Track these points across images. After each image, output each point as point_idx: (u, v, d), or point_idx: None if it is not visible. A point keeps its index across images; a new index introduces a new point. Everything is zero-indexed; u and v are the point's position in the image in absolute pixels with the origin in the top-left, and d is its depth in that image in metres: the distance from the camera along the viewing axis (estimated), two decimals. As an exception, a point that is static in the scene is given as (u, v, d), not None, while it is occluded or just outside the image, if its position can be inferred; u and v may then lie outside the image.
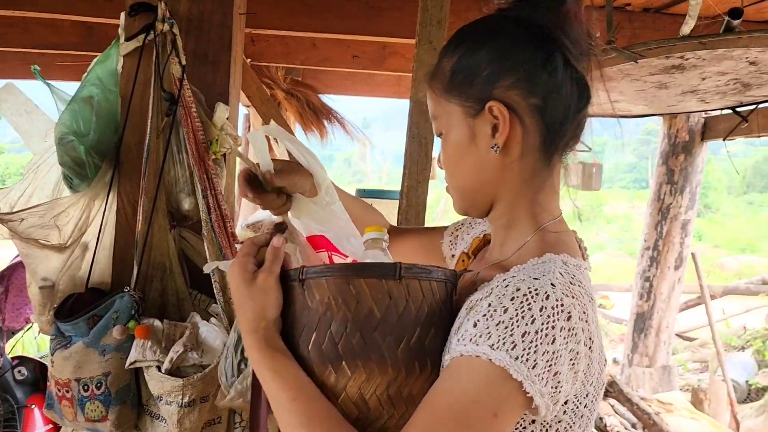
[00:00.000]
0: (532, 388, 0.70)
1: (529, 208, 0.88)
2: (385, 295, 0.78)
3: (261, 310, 0.81)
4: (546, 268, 0.78)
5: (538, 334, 0.71)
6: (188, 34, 1.46)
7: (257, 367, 0.81)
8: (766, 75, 1.80)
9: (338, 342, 0.77)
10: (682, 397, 4.44)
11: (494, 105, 0.83)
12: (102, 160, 1.41)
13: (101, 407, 1.25)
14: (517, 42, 0.84)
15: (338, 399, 0.77)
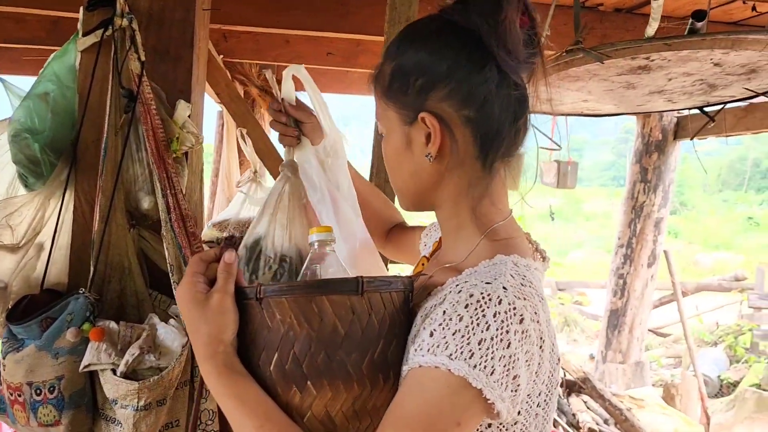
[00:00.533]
0: (492, 394, 0.71)
1: (473, 213, 0.88)
2: (348, 311, 0.76)
3: (217, 332, 0.77)
4: (497, 270, 0.78)
5: (493, 340, 0.71)
6: (149, 30, 1.43)
7: (218, 394, 0.77)
8: (730, 76, 1.81)
9: (302, 362, 0.75)
10: (654, 392, 4.50)
11: (426, 116, 0.83)
12: (58, 158, 1.37)
13: (54, 411, 1.22)
14: (452, 51, 0.83)
15: (304, 419, 0.76)
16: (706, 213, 24.96)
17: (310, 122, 1.15)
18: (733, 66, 1.72)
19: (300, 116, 1.14)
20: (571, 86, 1.93)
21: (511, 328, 0.72)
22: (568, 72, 1.78)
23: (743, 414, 4.87)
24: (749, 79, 1.84)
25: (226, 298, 0.78)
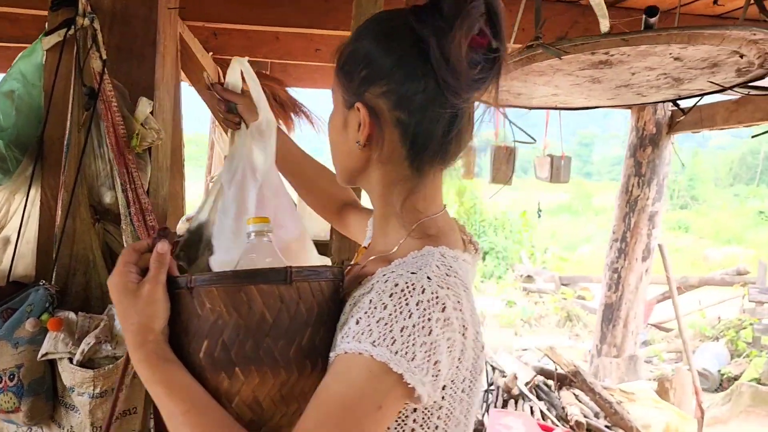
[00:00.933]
0: (413, 379, 0.73)
1: (402, 207, 0.90)
2: (276, 300, 0.78)
3: (147, 322, 0.79)
4: (423, 261, 0.81)
5: (415, 328, 0.74)
6: (112, 29, 1.47)
7: (147, 381, 0.79)
8: (693, 70, 1.83)
9: (231, 349, 0.77)
10: (648, 386, 4.50)
11: (360, 107, 0.87)
12: (23, 154, 1.42)
13: (14, 398, 1.26)
14: (398, 53, 0.85)
15: (232, 403, 0.78)
16: (718, 207, 24.73)
17: (243, 103, 1.26)
18: (693, 60, 1.73)
19: (230, 97, 1.26)
20: (538, 80, 1.95)
21: (433, 316, 0.75)
22: (532, 67, 1.80)
23: (739, 408, 4.86)
24: (713, 73, 1.86)
25: (157, 288, 0.80)
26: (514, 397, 4.03)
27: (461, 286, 0.81)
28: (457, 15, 0.80)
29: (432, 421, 0.82)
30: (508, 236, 13.24)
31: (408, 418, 0.81)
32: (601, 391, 3.94)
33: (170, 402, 0.77)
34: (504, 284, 11.08)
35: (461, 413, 0.85)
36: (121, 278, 0.81)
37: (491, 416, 3.65)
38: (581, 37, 1.62)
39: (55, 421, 1.34)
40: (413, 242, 0.88)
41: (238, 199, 1.22)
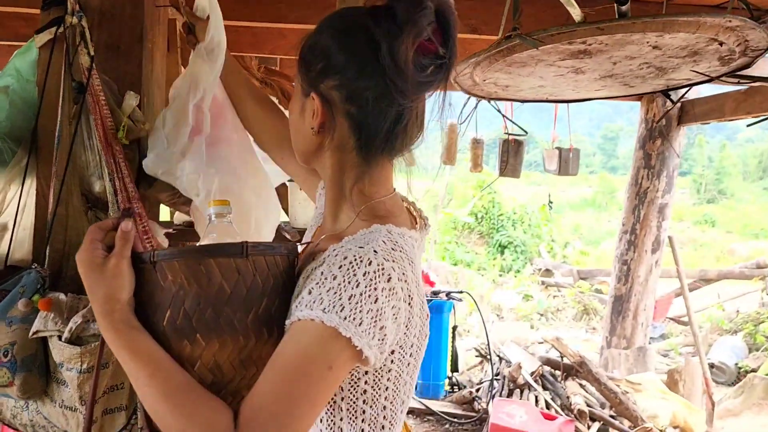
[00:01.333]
0: (360, 342, 0.81)
1: (350, 189, 0.98)
2: (233, 272, 0.86)
3: (113, 293, 0.87)
4: (371, 237, 0.89)
5: (362, 296, 0.81)
6: (101, 26, 1.54)
7: (114, 347, 0.87)
8: (674, 59, 1.84)
9: (192, 317, 0.85)
10: (655, 377, 4.49)
11: (315, 97, 0.95)
12: (18, 145, 1.50)
13: (8, 374, 1.35)
14: (352, 50, 0.93)
15: (194, 367, 0.85)
16: (746, 201, 24.28)
17: (199, 25, 1.42)
18: (672, 48, 1.75)
19: (192, 19, 1.44)
20: (522, 72, 1.98)
21: (378, 285, 0.83)
22: (514, 58, 1.83)
23: (751, 400, 4.82)
24: (696, 62, 1.87)
25: (122, 262, 0.88)
26: (519, 387, 4.07)
27: (406, 260, 0.88)
28: (408, 21, 0.88)
29: (382, 382, 0.91)
30: (527, 230, 13.19)
31: (360, 380, 0.90)
32: (607, 382, 3.95)
33: (135, 365, 0.84)
34: (522, 278, 11.05)
35: (408, 374, 0.95)
36: (88, 254, 0.90)
37: (495, 405, 3.70)
38: (556, 26, 1.65)
39: (48, 396, 1.42)
40: (363, 221, 0.95)
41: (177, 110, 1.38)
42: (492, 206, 13.45)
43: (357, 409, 0.90)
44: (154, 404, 0.82)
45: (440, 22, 0.90)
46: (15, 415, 1.47)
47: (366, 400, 0.90)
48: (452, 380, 4.78)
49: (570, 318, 9.15)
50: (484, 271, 11.92)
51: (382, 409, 0.92)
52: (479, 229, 13.51)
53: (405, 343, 0.91)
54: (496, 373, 4.33)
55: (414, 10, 0.87)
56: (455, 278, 10.15)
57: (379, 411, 0.92)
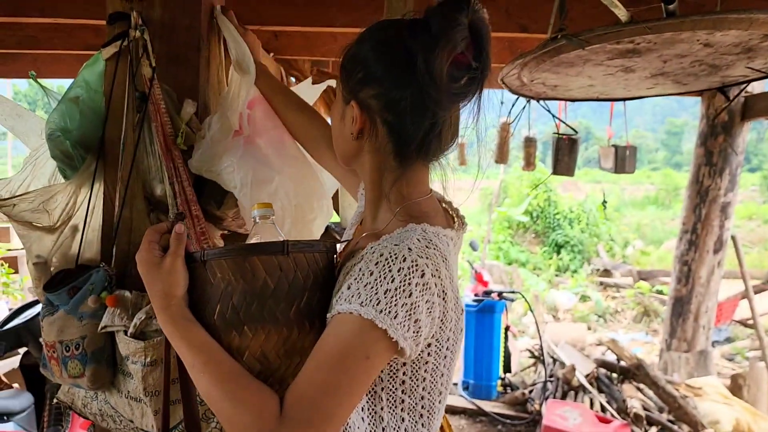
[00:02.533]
0: (395, 334, 0.86)
1: (388, 191, 1.03)
2: (276, 268, 0.93)
3: (169, 289, 0.95)
4: (406, 235, 0.94)
5: (397, 291, 0.86)
6: (161, 38, 1.63)
7: (172, 338, 0.96)
8: (728, 56, 1.81)
9: (239, 310, 0.92)
10: (717, 381, 4.35)
11: (354, 105, 1.01)
12: (87, 152, 1.60)
13: (79, 365, 1.45)
14: (390, 61, 0.98)
15: (243, 357, 0.92)
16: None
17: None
18: (725, 46, 1.71)
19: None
20: (570, 72, 1.98)
21: (412, 281, 0.87)
22: (561, 58, 1.83)
23: (822, 408, 4.60)
24: (750, 59, 1.83)
25: (177, 261, 0.96)
26: (574, 389, 4.02)
27: (440, 257, 0.92)
28: (443, 35, 0.92)
29: (419, 374, 0.96)
30: (585, 229, 12.92)
31: (398, 371, 0.95)
32: (665, 385, 3.86)
33: (190, 354, 0.92)
34: (579, 278, 10.83)
35: (445, 367, 0.99)
36: (146, 254, 0.99)
37: (548, 406, 3.67)
38: (603, 26, 1.65)
39: (115, 387, 1.51)
40: (400, 221, 1.00)
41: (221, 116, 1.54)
42: (548, 204, 13.25)
43: (396, 399, 0.95)
44: (208, 389, 0.89)
45: (474, 36, 0.94)
46: (86, 404, 1.58)
47: (405, 390, 0.95)
48: (505, 381, 4.75)
49: (629, 320, 8.93)
50: (540, 271, 11.76)
51: (420, 399, 0.97)
52: (535, 228, 13.33)
53: (441, 337, 0.95)
54: (549, 375, 4.28)
55: (449, 25, 0.92)
56: (509, 278, 10.05)
57: (418, 401, 0.97)
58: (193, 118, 1.61)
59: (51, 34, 3.57)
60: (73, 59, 4.31)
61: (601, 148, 4.77)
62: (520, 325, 8.12)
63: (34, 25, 3.50)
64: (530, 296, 8.85)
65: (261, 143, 1.55)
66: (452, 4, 0.94)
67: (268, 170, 1.52)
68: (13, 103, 1.65)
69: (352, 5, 2.93)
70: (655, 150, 38.60)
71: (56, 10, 2.85)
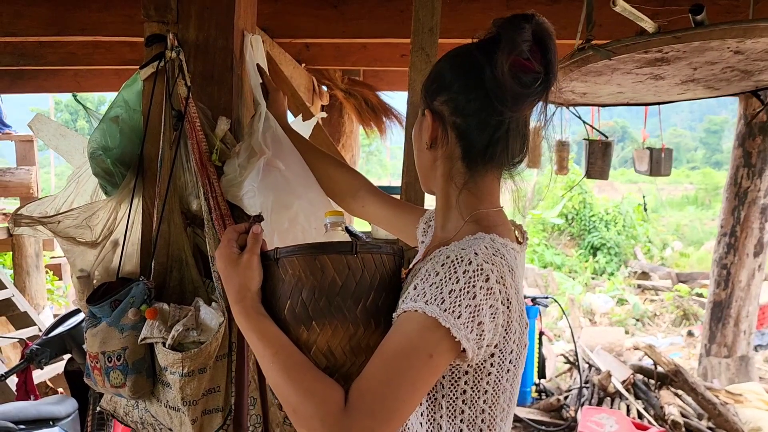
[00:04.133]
0: (459, 333, 0.88)
1: (456, 198, 1.07)
2: (344, 266, 0.97)
3: (246, 283, 1.02)
4: (474, 242, 0.96)
5: (461, 292, 0.89)
6: (196, 58, 1.69)
7: (245, 330, 1.01)
8: (760, 62, 1.78)
9: (308, 306, 0.96)
10: (759, 388, 4.24)
11: (428, 112, 1.07)
12: (127, 169, 1.67)
13: (121, 376, 1.51)
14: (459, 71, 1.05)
15: (310, 351, 0.97)
16: None
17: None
18: (756, 53, 1.69)
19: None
20: (599, 80, 1.97)
21: (477, 283, 0.90)
22: (589, 68, 1.84)
23: None
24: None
25: (253, 258, 1.02)
26: (610, 395, 3.97)
27: (506, 267, 0.94)
28: (505, 37, 0.98)
29: (481, 385, 0.97)
30: (621, 231, 12.71)
31: (460, 380, 0.97)
32: (704, 392, 3.78)
33: (261, 345, 0.97)
34: (616, 281, 10.67)
35: (508, 382, 1.00)
36: (226, 250, 1.06)
37: (584, 413, 3.63)
38: (630, 37, 1.65)
39: (155, 396, 1.57)
40: (469, 229, 1.03)
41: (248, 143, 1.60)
42: (583, 207, 13.08)
43: (456, 408, 0.97)
44: (277, 378, 0.94)
45: (538, 42, 0.99)
46: (127, 412, 1.64)
47: (465, 401, 0.97)
48: (539, 387, 4.72)
49: (668, 323, 8.76)
50: (576, 274, 11.61)
51: (481, 412, 0.98)
52: (570, 231, 13.17)
53: (504, 348, 0.97)
54: (585, 381, 4.24)
55: (512, 28, 0.98)
56: (545, 281, 9.96)
57: (478, 414, 0.97)
58: (228, 134, 1.66)
59: (90, 50, 3.70)
60: (111, 73, 4.45)
61: (635, 151, 4.71)
62: (555, 329, 8.04)
63: (75, 43, 3.63)
64: (566, 300, 8.76)
65: (281, 166, 1.59)
66: (518, 16, 0.99)
67: (288, 195, 1.57)
68: (57, 124, 1.72)
69: (380, 16, 2.96)
70: (694, 149, 37.72)
71: (96, 29, 2.96)
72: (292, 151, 1.62)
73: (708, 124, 38.25)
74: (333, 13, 2.99)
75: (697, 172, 26.01)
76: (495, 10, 2.79)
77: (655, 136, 4.86)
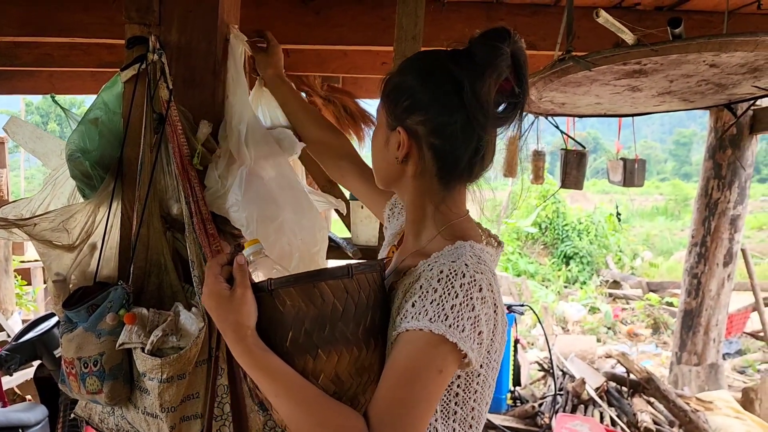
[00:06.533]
0: (464, 346, 0.90)
1: (431, 212, 1.09)
2: (343, 291, 0.96)
3: (243, 320, 0.96)
4: (459, 252, 0.98)
5: (461, 306, 0.91)
6: (178, 61, 1.67)
7: (249, 368, 0.96)
8: (734, 76, 1.83)
9: (313, 335, 0.94)
10: (728, 395, 4.33)
11: (401, 131, 1.05)
12: (106, 172, 1.64)
13: (97, 382, 1.48)
14: (436, 89, 1.03)
15: (318, 379, 0.95)
16: None
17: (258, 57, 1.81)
18: (731, 66, 1.74)
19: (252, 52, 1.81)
20: (577, 91, 2.01)
21: (473, 295, 0.92)
22: (569, 78, 1.87)
23: (835, 422, 4.56)
24: (756, 78, 1.85)
25: (247, 292, 0.97)
26: (583, 403, 4.01)
27: (489, 272, 0.98)
28: (488, 63, 0.98)
29: (472, 386, 1.00)
30: (594, 240, 12.89)
31: (453, 384, 0.99)
32: (675, 399, 3.85)
33: (272, 384, 0.94)
34: (588, 290, 10.80)
35: (492, 378, 1.04)
36: (216, 287, 0.99)
37: (558, 420, 3.66)
38: (609, 49, 1.68)
39: (132, 402, 1.54)
40: (445, 240, 1.05)
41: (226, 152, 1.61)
42: (556, 216, 13.23)
43: (449, 410, 1.00)
44: (291, 414, 0.92)
45: (515, 64, 1.00)
46: (103, 419, 1.61)
47: (458, 402, 1.00)
48: (514, 394, 4.75)
49: (639, 332, 8.88)
50: (549, 283, 11.72)
51: (471, 410, 1.01)
52: (543, 240, 13.31)
53: (492, 349, 1.00)
54: (559, 388, 4.28)
55: (494, 54, 0.98)
56: (518, 289, 10.04)
57: (468, 412, 1.01)
58: (209, 138, 1.65)
59: (67, 52, 3.64)
60: (87, 76, 4.38)
61: (609, 162, 4.78)
62: (529, 337, 8.10)
63: (51, 44, 3.57)
64: (539, 308, 8.84)
65: (264, 175, 1.57)
66: (495, 34, 0.99)
67: (272, 207, 1.56)
68: (32, 127, 1.69)
69: (363, 24, 2.98)
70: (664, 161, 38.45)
71: (74, 30, 2.91)
72: (275, 154, 1.61)
73: (677, 137, 39.05)
74: (315, 19, 2.99)
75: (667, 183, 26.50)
76: (476, 20, 2.82)
77: (627, 147, 4.94)
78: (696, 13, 2.88)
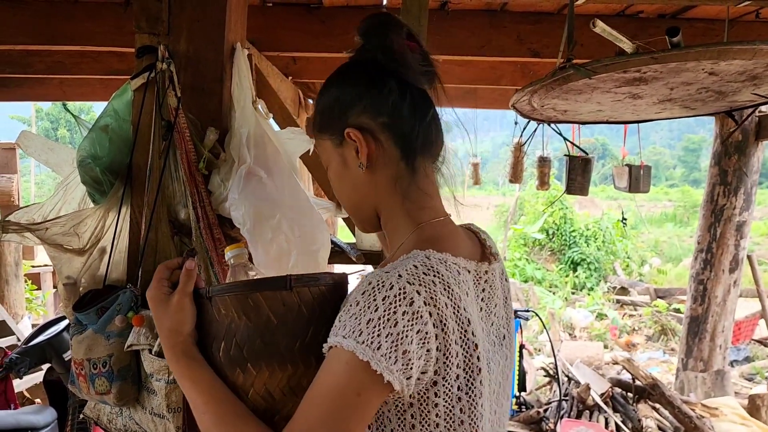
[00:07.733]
0: (379, 366, 0.79)
1: (402, 210, 1.02)
2: (279, 303, 0.90)
3: (177, 326, 0.95)
4: (404, 262, 0.88)
5: (380, 320, 0.81)
6: (186, 70, 1.72)
7: (177, 376, 0.95)
8: (733, 83, 1.85)
9: (243, 347, 0.89)
10: (735, 402, 4.32)
11: (350, 131, 0.99)
12: (116, 178, 1.69)
13: (106, 383, 1.51)
14: (356, 81, 1.01)
15: (248, 395, 0.90)
16: None
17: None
18: (730, 74, 1.76)
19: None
20: (579, 98, 2.03)
21: (398, 309, 0.81)
22: (570, 86, 1.89)
23: (843, 430, 4.54)
24: (756, 85, 1.87)
25: (184, 299, 0.95)
26: (589, 408, 4.02)
27: (441, 285, 0.86)
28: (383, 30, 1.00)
29: (430, 418, 0.88)
30: (601, 247, 12.86)
31: (406, 413, 0.88)
32: (681, 405, 3.84)
33: (194, 394, 0.91)
34: (595, 296, 10.78)
35: (463, 413, 0.89)
36: (156, 291, 0.99)
37: (563, 426, 3.67)
38: (610, 57, 1.70)
39: (140, 403, 1.58)
40: (407, 247, 0.96)
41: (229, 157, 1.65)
42: (564, 222, 13.22)
43: None
44: (208, 429, 0.89)
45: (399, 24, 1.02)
46: (111, 420, 1.64)
47: None
48: (520, 400, 4.75)
49: (646, 338, 8.87)
50: (556, 289, 11.71)
51: None
52: (551, 246, 13.29)
53: (447, 375, 0.87)
54: (564, 394, 4.28)
55: (381, 21, 1.02)
56: (525, 295, 10.03)
57: None
58: (216, 144, 1.69)
59: (78, 60, 3.70)
60: (98, 83, 4.45)
61: (615, 168, 4.79)
62: (536, 343, 8.10)
63: (63, 52, 3.63)
64: (546, 314, 8.84)
65: (262, 174, 1.60)
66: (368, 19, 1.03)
67: (269, 206, 1.58)
68: (44, 139, 1.74)
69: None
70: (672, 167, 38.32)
71: (85, 39, 2.97)
72: (276, 156, 1.64)
73: (686, 143, 38.90)
74: (321, 27, 3.03)
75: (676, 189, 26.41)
76: (479, 28, 2.85)
77: (634, 153, 4.96)
78: (698, 21, 2.90)
